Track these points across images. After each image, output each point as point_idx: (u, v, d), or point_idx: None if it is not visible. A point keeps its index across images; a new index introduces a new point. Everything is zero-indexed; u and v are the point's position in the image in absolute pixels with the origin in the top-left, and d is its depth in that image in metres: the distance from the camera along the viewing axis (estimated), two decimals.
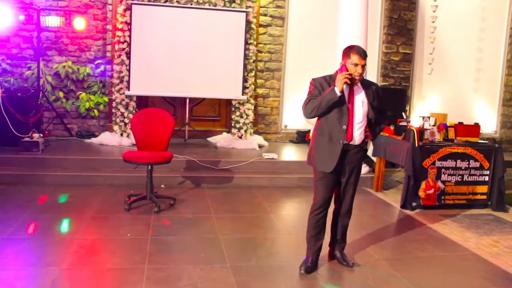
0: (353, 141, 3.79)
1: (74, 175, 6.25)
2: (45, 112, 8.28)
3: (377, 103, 3.85)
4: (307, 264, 3.89)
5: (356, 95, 3.78)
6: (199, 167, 6.74)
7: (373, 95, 3.84)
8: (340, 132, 3.74)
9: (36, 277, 3.53)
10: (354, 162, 3.88)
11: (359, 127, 3.79)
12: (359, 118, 3.78)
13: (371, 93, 3.84)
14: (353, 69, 3.67)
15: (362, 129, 3.81)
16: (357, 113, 3.77)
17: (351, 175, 3.91)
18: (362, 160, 3.96)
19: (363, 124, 3.81)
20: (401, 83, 9.56)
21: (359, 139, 3.81)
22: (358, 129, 3.78)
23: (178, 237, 4.52)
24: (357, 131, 3.78)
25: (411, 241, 4.71)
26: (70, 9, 8.26)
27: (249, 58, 8.24)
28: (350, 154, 3.83)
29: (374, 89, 3.88)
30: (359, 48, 3.72)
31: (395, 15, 9.37)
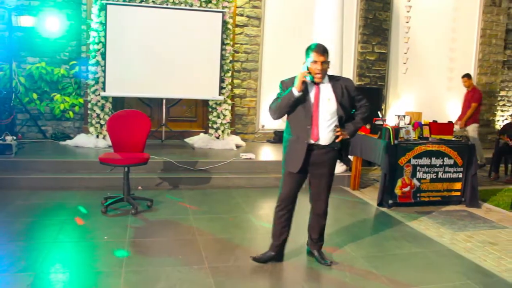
0: (320, 141, 3.72)
1: (49, 178, 6.15)
2: (18, 114, 8.11)
3: (348, 99, 3.78)
4: (262, 255, 3.97)
5: (322, 92, 3.72)
6: (176, 168, 6.70)
7: (342, 91, 3.74)
8: (305, 131, 3.71)
9: (10, 283, 3.46)
10: (324, 163, 3.80)
11: (327, 126, 3.71)
12: (325, 117, 3.70)
13: (340, 89, 3.74)
14: (313, 66, 3.64)
15: (332, 128, 3.73)
16: (322, 112, 3.70)
17: (323, 177, 3.85)
18: (334, 160, 3.87)
19: (332, 122, 3.72)
20: (376, 83, 9.67)
21: (328, 139, 3.73)
22: (325, 128, 3.71)
23: (156, 239, 4.49)
24: (324, 130, 3.71)
25: (388, 238, 4.77)
26: (43, 8, 8.12)
27: (226, 59, 8.23)
28: (317, 154, 3.77)
29: (344, 85, 3.78)
30: (317, 45, 3.70)
31: (370, 15, 9.48)
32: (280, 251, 4.02)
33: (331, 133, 3.73)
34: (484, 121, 10.51)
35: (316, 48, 3.64)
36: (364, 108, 3.90)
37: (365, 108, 3.90)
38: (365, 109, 3.90)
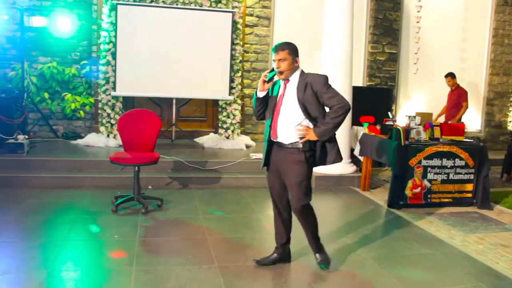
0: (280, 139, 3.66)
1: (60, 176, 6.20)
2: (30, 113, 8.18)
3: (312, 96, 3.57)
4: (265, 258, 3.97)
5: (287, 90, 3.67)
6: (186, 167, 6.72)
7: (305, 88, 3.58)
8: (268, 129, 3.73)
9: (22, 281, 3.50)
10: (287, 163, 3.66)
11: (288, 124, 3.62)
12: (286, 115, 3.62)
13: (303, 86, 3.59)
14: (273, 65, 3.66)
15: (293, 126, 3.61)
16: (283, 110, 3.64)
17: (287, 178, 3.68)
18: (297, 162, 3.63)
19: (294, 121, 3.61)
20: (387, 83, 9.63)
21: (289, 138, 3.63)
22: (285, 126, 3.62)
23: (166, 238, 4.50)
24: (283, 128, 3.63)
25: (398, 240, 4.74)
26: (55, 9, 8.17)
27: (236, 59, 8.24)
28: (281, 153, 3.70)
29: (310, 81, 3.59)
30: (276, 45, 3.68)
31: (380, 15, 9.45)
32: (283, 253, 3.98)
33: (294, 131, 3.62)
34: (496, 122, 10.43)
35: (274, 48, 3.67)
36: (336, 107, 3.54)
37: (336, 107, 3.54)
38: (336, 108, 3.53)
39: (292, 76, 3.68)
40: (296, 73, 3.69)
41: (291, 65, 3.63)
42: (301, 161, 3.62)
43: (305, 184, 3.64)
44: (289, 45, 3.66)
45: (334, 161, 3.72)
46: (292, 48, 3.65)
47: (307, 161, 3.63)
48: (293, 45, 3.71)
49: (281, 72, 3.62)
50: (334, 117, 3.53)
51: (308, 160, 3.64)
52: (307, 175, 3.67)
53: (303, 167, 3.64)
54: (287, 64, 3.61)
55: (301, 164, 3.63)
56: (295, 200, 3.68)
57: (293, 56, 3.64)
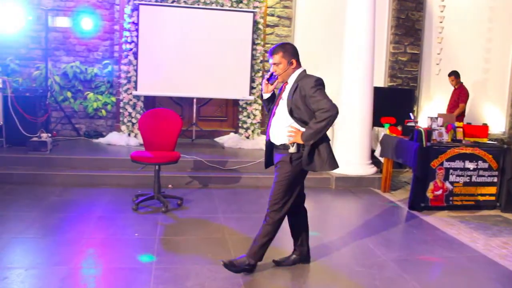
0: (272, 139, 3.68)
1: (82, 174, 6.28)
2: (53, 112, 8.32)
3: (300, 98, 3.50)
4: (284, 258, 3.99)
5: (284, 93, 3.65)
6: (206, 167, 6.75)
7: (295, 90, 3.54)
8: (267, 129, 3.77)
9: (45, 276, 3.55)
10: (278, 163, 3.66)
11: (280, 125, 3.61)
12: (279, 116, 3.63)
13: (293, 88, 3.55)
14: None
15: (283, 128, 3.59)
16: (278, 111, 3.65)
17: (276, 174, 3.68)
18: (284, 163, 3.59)
19: (285, 122, 3.59)
20: (408, 84, 9.53)
21: (280, 139, 3.62)
22: (277, 127, 3.63)
23: (186, 237, 4.53)
24: (276, 129, 3.64)
25: (419, 242, 4.69)
26: (78, 9, 8.29)
27: (256, 59, 8.25)
28: (276, 154, 3.73)
29: (301, 84, 3.52)
30: (272, 47, 3.67)
31: (402, 15, 9.35)
32: (300, 254, 3.97)
33: (282, 133, 3.60)
34: None
35: (269, 51, 3.66)
36: (319, 112, 3.42)
37: (319, 112, 3.41)
38: (319, 113, 3.41)
39: (290, 78, 3.65)
40: (294, 74, 3.64)
41: (286, 68, 3.61)
42: (286, 161, 3.58)
43: (283, 185, 3.58)
44: (283, 47, 3.62)
45: (325, 168, 3.61)
46: (287, 50, 3.62)
47: (292, 163, 3.56)
48: (289, 46, 3.68)
49: (276, 76, 3.64)
50: (316, 122, 3.42)
51: (293, 162, 3.56)
52: (289, 177, 3.58)
53: (287, 167, 3.58)
54: (282, 68, 3.60)
55: (286, 164, 3.59)
56: (270, 204, 3.64)
57: (288, 58, 3.60)
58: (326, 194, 6.41)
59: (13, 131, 6.91)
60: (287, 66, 3.61)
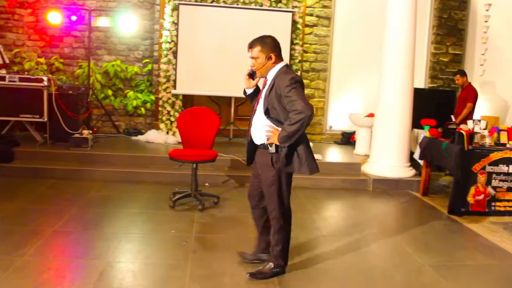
0: (253, 139, 3.57)
1: (121, 171, 6.40)
2: (94, 109, 8.52)
3: (276, 97, 3.35)
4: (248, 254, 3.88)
5: (263, 90, 3.52)
6: (243, 166, 6.75)
7: (271, 88, 3.39)
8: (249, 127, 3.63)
9: (84, 269, 3.64)
10: (260, 164, 3.56)
11: (259, 124, 3.49)
12: (258, 115, 3.50)
13: (270, 87, 3.41)
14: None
15: (262, 127, 3.45)
16: (258, 109, 3.52)
17: (261, 178, 3.58)
18: (266, 165, 3.48)
19: (264, 121, 3.44)
20: (450, 85, 9.31)
21: (258, 139, 3.52)
22: (256, 126, 3.52)
23: (221, 235, 4.55)
24: (255, 128, 3.53)
25: (459, 248, 4.56)
26: (119, 9, 8.46)
27: (295, 58, 8.23)
28: (257, 153, 3.60)
29: (277, 82, 3.36)
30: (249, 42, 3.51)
31: (445, 14, 9.13)
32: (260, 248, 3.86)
33: (261, 133, 3.47)
34: None
35: (248, 45, 3.50)
36: (292, 113, 3.23)
37: (292, 114, 3.23)
38: (292, 114, 3.23)
39: (269, 73, 3.49)
40: (273, 70, 3.48)
41: (264, 63, 3.45)
42: (268, 165, 3.46)
43: (275, 190, 3.48)
44: (262, 41, 3.49)
45: (303, 170, 3.42)
46: (265, 43, 3.47)
47: (274, 165, 3.44)
48: (269, 39, 3.53)
49: (254, 71, 3.51)
50: (289, 124, 3.23)
51: (275, 165, 3.43)
52: (276, 179, 3.47)
53: (271, 171, 3.46)
54: (260, 63, 3.46)
55: (269, 168, 3.47)
56: (268, 209, 3.59)
57: (267, 53, 3.44)
58: (363, 196, 6.33)
59: (56, 128, 7.11)
60: (265, 60, 3.44)
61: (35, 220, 4.64)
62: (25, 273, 3.51)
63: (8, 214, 4.81)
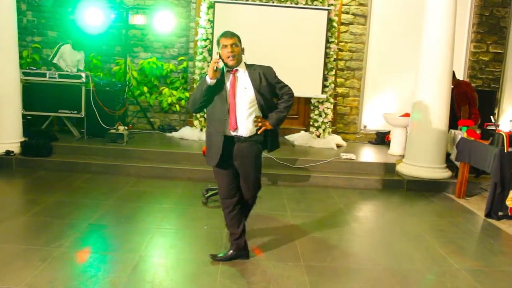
0: (240, 132, 3.56)
1: (155, 167, 6.49)
2: (130, 106, 8.66)
3: (267, 86, 3.61)
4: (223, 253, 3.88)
5: (239, 81, 3.56)
6: (276, 164, 6.76)
7: (260, 78, 3.57)
8: (221, 123, 3.54)
9: (118, 261, 3.72)
10: (248, 157, 3.63)
11: (246, 116, 3.53)
12: (243, 106, 3.52)
13: (258, 77, 3.58)
14: (224, 51, 3.52)
15: (252, 118, 3.55)
16: (240, 101, 3.53)
17: (248, 172, 3.67)
18: (255, 154, 3.66)
19: (251, 112, 3.54)
20: (490, 85, 9.06)
21: (248, 130, 3.57)
22: (244, 118, 3.53)
23: (253, 233, 4.55)
24: (243, 120, 3.54)
25: (496, 253, 4.44)
26: (156, 7, 8.57)
27: (330, 57, 8.15)
28: (240, 147, 3.60)
29: (262, 72, 3.62)
30: (225, 31, 3.63)
31: (486, 12, 8.88)
32: (237, 249, 3.85)
33: (252, 124, 3.56)
34: None
35: (224, 34, 3.59)
36: (287, 96, 3.70)
37: (287, 96, 3.70)
38: (287, 97, 3.70)
39: (240, 65, 3.62)
40: (242, 63, 3.65)
41: (240, 54, 3.62)
42: (259, 155, 3.70)
43: (260, 173, 3.81)
44: (237, 34, 3.66)
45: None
46: (239, 37, 3.67)
47: (261, 153, 3.73)
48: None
49: (234, 56, 3.53)
50: (286, 106, 3.67)
51: (261, 152, 3.73)
52: (260, 164, 3.79)
53: (260, 160, 3.74)
54: (238, 51, 3.57)
55: (260, 157, 3.73)
56: (251, 190, 3.80)
57: (241, 45, 3.63)
58: (397, 197, 6.23)
59: (93, 123, 7.28)
60: (241, 52, 3.63)
61: (71, 213, 4.77)
62: (62, 264, 3.61)
63: (46, 206, 4.95)
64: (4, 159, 6.43)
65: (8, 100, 6.57)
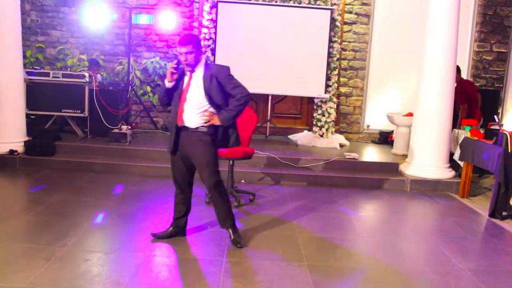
0: (186, 124, 3.94)
1: (159, 166, 6.49)
2: (133, 105, 8.67)
3: (217, 86, 3.90)
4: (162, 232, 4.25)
5: (193, 80, 3.93)
6: (279, 164, 6.76)
7: (211, 79, 3.89)
8: (175, 116, 3.99)
9: (121, 261, 3.72)
10: (194, 144, 3.96)
11: (194, 111, 3.91)
12: (193, 102, 3.91)
13: (209, 77, 3.89)
14: (180, 58, 3.89)
15: (199, 112, 3.90)
16: (190, 98, 3.91)
17: (196, 158, 3.99)
18: (205, 142, 3.95)
19: (200, 108, 3.91)
20: (493, 84, 9.03)
21: (195, 123, 3.93)
22: (192, 113, 3.91)
23: (256, 232, 4.55)
24: (190, 115, 3.92)
25: (500, 253, 4.43)
26: (159, 7, 8.57)
27: (333, 56, 8.14)
28: (187, 136, 3.98)
29: (214, 72, 3.92)
30: (180, 38, 3.89)
31: (490, 11, 8.85)
32: (177, 226, 4.27)
33: (198, 117, 3.92)
34: None
35: (178, 42, 3.88)
36: (240, 95, 3.93)
37: (240, 96, 3.93)
38: (240, 96, 3.93)
39: (198, 66, 3.95)
40: (201, 63, 3.96)
41: (196, 58, 3.89)
42: (208, 143, 3.96)
43: (213, 163, 4.01)
44: (194, 38, 3.95)
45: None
46: (196, 40, 3.93)
47: (212, 143, 3.98)
48: (197, 37, 4.08)
49: (188, 64, 3.87)
50: (237, 105, 3.91)
51: (213, 142, 3.98)
52: (214, 155, 4.03)
53: (210, 148, 3.99)
54: (193, 57, 3.86)
55: (208, 146, 3.97)
56: (207, 178, 4.01)
57: (198, 48, 3.89)
58: (401, 197, 6.22)
59: (97, 123, 7.29)
60: (197, 55, 3.89)
61: (75, 212, 4.77)
62: (65, 263, 3.62)
63: (50, 206, 4.96)
64: (8, 158, 6.45)
65: (12, 100, 6.59)
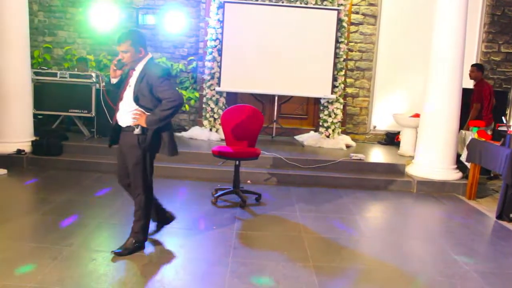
0: (120, 123, 3.86)
1: (165, 166, 6.48)
2: None
3: (146, 87, 3.70)
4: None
5: (131, 79, 3.81)
6: (285, 164, 6.76)
7: (142, 78, 3.72)
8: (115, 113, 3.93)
9: (127, 261, 3.73)
10: (125, 145, 3.88)
11: (126, 109, 3.79)
12: (126, 101, 3.80)
13: (140, 78, 3.74)
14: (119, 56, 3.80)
15: (129, 111, 3.76)
16: (124, 97, 3.81)
17: (126, 159, 3.89)
18: (132, 145, 3.80)
19: (131, 107, 3.76)
20: (501, 85, 8.99)
21: (125, 122, 3.82)
22: (124, 111, 3.80)
23: (262, 233, 4.56)
24: (122, 113, 3.82)
25: (508, 255, 4.40)
26: (166, 7, 8.59)
27: (340, 57, 8.14)
28: (122, 135, 3.91)
29: (147, 73, 3.73)
30: (118, 36, 3.79)
31: (498, 11, 8.81)
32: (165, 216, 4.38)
33: (128, 117, 3.78)
34: None
35: (116, 39, 3.77)
36: (166, 101, 3.68)
37: (166, 101, 3.68)
38: (166, 102, 3.68)
39: (138, 65, 3.80)
40: (142, 62, 3.80)
41: (134, 56, 3.76)
42: (135, 145, 3.79)
43: (140, 168, 3.83)
44: (132, 35, 3.77)
45: (165, 152, 3.89)
46: (135, 38, 3.75)
47: (140, 145, 3.78)
48: (137, 34, 3.82)
49: (125, 62, 3.79)
50: (162, 110, 3.67)
51: (141, 145, 3.78)
52: (142, 158, 3.83)
53: (137, 150, 3.80)
54: (129, 56, 3.75)
55: (135, 148, 3.80)
56: (132, 187, 3.93)
57: (136, 46, 3.74)
58: (407, 198, 6.19)
59: (103, 123, 7.30)
60: (135, 54, 3.75)
61: (81, 212, 4.79)
62: (72, 262, 3.63)
63: (57, 205, 4.99)
64: (16, 158, 6.49)
65: (20, 100, 6.63)
